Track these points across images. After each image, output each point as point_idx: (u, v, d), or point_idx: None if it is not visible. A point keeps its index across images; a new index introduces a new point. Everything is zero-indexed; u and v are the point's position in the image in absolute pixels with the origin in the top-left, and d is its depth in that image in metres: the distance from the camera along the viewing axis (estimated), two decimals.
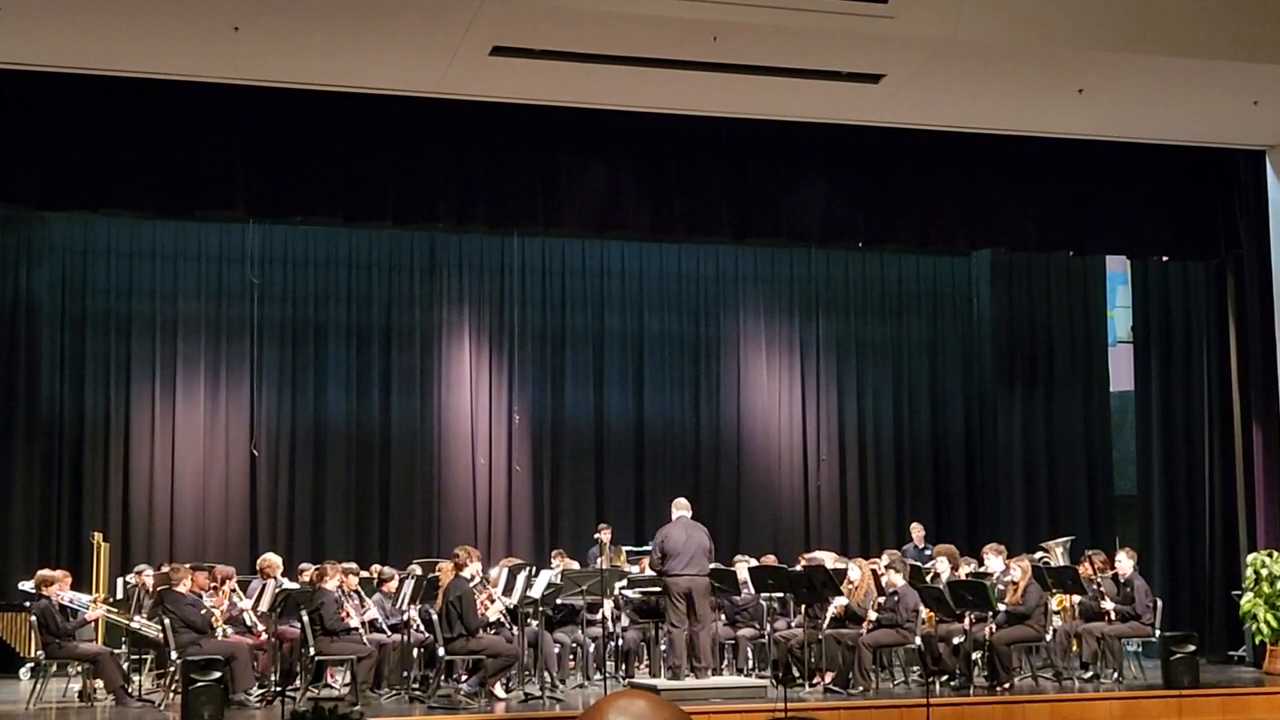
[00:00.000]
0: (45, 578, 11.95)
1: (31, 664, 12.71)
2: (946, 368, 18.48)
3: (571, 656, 12.98)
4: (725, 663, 13.26)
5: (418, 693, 11.87)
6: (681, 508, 12.39)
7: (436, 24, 10.87)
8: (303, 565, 13.58)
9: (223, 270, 16.31)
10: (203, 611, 11.58)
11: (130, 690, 11.78)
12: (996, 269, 17.95)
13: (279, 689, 11.48)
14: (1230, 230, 14.63)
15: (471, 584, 11.65)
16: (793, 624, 12.99)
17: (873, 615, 12.31)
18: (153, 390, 16.03)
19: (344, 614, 11.70)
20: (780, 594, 13.13)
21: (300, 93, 12.13)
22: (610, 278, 17.64)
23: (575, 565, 13.65)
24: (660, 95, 12.46)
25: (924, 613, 12.46)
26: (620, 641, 13.04)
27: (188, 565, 12.30)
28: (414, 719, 10.78)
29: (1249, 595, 13.66)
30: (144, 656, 12.77)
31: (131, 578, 13.42)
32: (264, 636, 12.02)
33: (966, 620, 12.31)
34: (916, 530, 16.38)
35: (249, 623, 12.13)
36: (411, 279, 17.00)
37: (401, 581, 12.74)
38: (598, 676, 12.71)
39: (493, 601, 11.86)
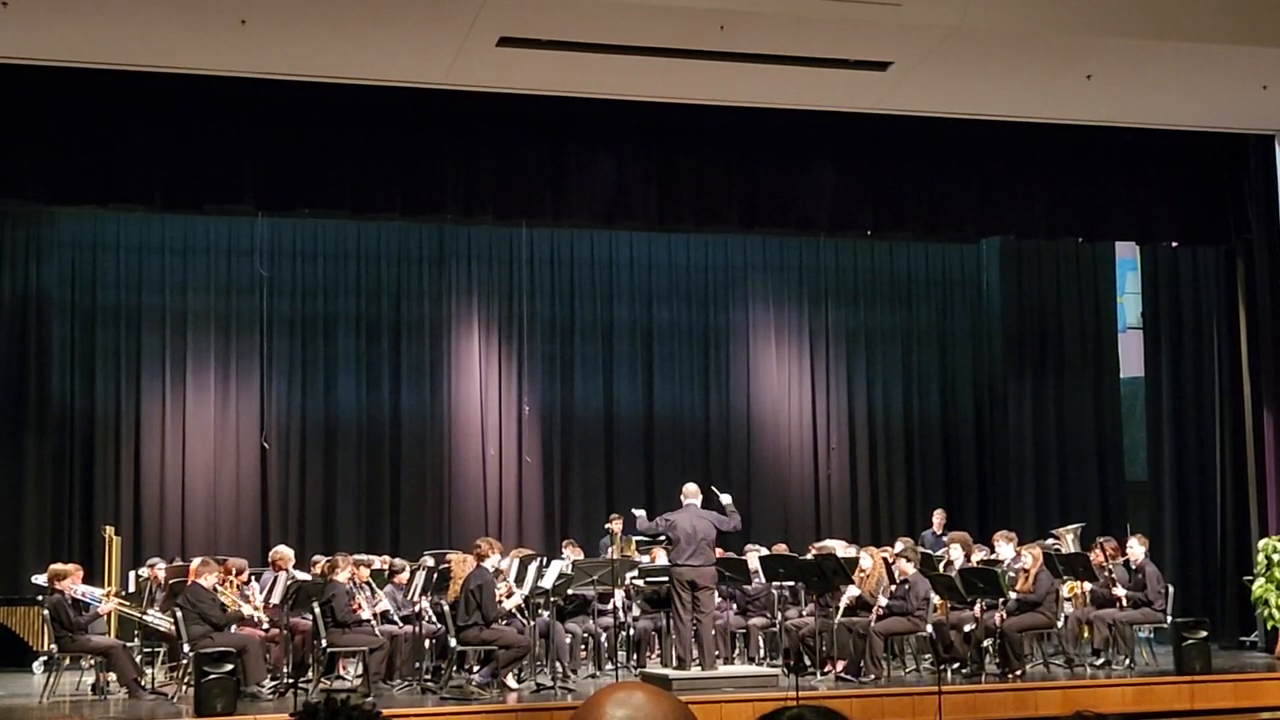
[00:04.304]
0: (57, 572, 11.98)
1: (44, 658, 12.77)
2: (956, 355, 18.46)
3: (583, 647, 13.00)
4: (736, 652, 13.27)
5: (430, 683, 11.90)
6: (691, 495, 12.30)
7: (443, 15, 10.87)
8: (314, 557, 13.63)
9: (232, 264, 16.32)
10: (224, 608, 11.61)
11: (143, 683, 11.81)
12: (1006, 256, 17.93)
13: (291, 681, 11.51)
14: (1240, 215, 14.60)
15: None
16: (804, 613, 12.99)
17: (883, 601, 12.30)
18: (163, 384, 16.05)
19: (356, 606, 11.73)
20: (791, 583, 13.14)
21: (307, 85, 12.13)
22: (619, 268, 17.63)
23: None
24: (668, 85, 12.45)
25: (935, 600, 12.46)
26: (631, 631, 13.05)
27: (214, 559, 12.37)
28: (426, 710, 10.79)
29: (1260, 581, 13.66)
30: (156, 650, 12.80)
31: (144, 571, 13.46)
32: (266, 628, 12.05)
33: (978, 608, 12.31)
34: (938, 516, 16.35)
35: (256, 619, 12.14)
36: (420, 271, 17.00)
37: (413, 573, 12.76)
38: (609, 666, 12.74)
39: (511, 594, 11.86)
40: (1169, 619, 12.86)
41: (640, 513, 12.81)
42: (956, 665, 12.42)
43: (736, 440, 17.72)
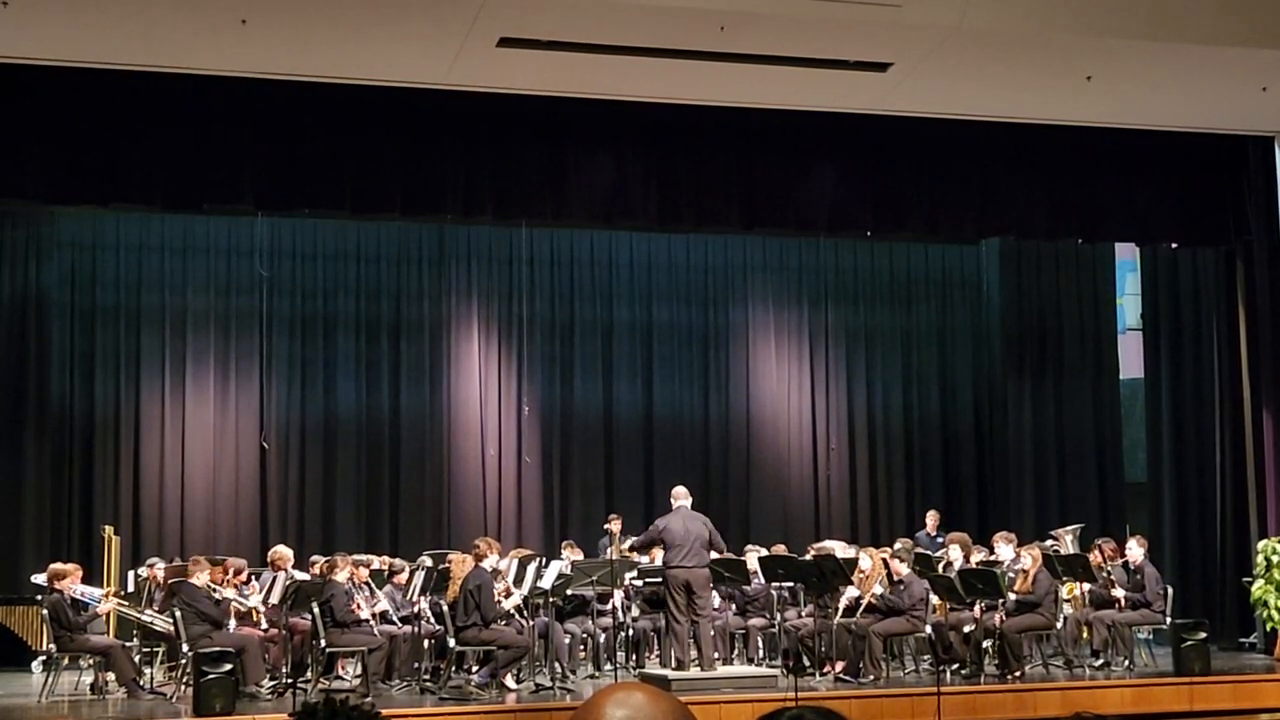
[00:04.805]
0: (57, 571, 11.98)
1: (43, 657, 12.76)
2: (956, 356, 18.45)
3: (582, 647, 12.99)
4: (736, 652, 13.27)
5: (429, 684, 11.90)
6: (680, 497, 12.30)
7: (444, 15, 10.87)
8: (313, 557, 13.62)
9: (231, 263, 16.32)
10: (218, 603, 11.62)
11: (142, 683, 11.81)
12: (1005, 257, 17.93)
13: (290, 681, 11.50)
14: (1239, 216, 14.60)
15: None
16: (803, 614, 12.99)
17: (877, 590, 12.27)
18: (162, 384, 16.05)
19: (355, 606, 11.72)
20: (790, 584, 13.14)
21: (308, 85, 12.13)
22: (619, 268, 17.63)
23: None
24: (668, 85, 12.45)
25: (935, 601, 12.46)
26: (630, 632, 13.05)
27: (212, 559, 12.38)
28: (425, 710, 10.79)
29: (1259, 582, 13.66)
30: (155, 649, 12.80)
31: (143, 571, 13.46)
32: (265, 627, 12.05)
33: (977, 609, 12.30)
34: (931, 518, 16.37)
35: (254, 618, 12.14)
36: (420, 271, 17.00)
37: (412, 573, 12.76)
38: (608, 667, 12.74)
39: (509, 594, 11.86)
40: (1168, 620, 12.86)
41: (629, 541, 13.11)
42: (956, 666, 12.41)
43: (736, 441, 17.71)
